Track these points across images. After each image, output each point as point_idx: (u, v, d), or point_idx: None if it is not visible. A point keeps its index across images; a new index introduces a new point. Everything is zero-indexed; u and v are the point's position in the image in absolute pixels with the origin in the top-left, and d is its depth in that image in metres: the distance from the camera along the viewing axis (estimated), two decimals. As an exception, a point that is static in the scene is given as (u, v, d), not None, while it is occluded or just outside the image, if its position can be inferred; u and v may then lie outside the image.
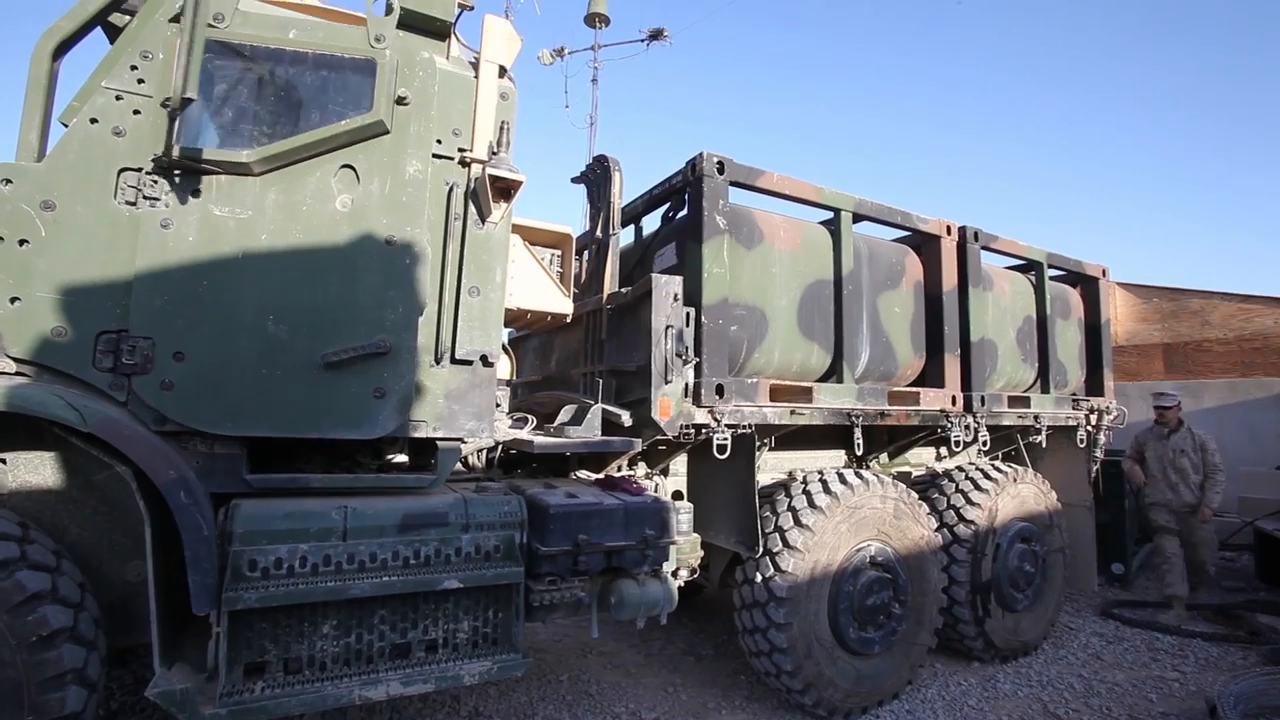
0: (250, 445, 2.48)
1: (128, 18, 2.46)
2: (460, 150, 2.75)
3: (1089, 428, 5.43)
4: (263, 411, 2.43)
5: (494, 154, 2.74)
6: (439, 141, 2.72)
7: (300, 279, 2.50)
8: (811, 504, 3.52)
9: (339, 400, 2.51)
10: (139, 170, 2.33)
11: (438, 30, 2.78)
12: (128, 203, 2.29)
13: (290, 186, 2.51)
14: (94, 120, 2.31)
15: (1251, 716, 3.51)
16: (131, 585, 2.43)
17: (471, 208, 2.75)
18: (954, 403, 4.39)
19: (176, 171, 2.35)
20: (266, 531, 2.34)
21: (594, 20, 12.80)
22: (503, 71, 2.87)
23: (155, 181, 2.33)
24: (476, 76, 2.79)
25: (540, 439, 3.22)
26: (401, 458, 2.97)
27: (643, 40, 12.89)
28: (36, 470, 2.36)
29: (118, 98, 2.33)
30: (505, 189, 2.73)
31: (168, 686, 2.14)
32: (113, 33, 2.49)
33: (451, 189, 2.72)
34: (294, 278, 2.49)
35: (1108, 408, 5.59)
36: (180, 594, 2.19)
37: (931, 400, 4.29)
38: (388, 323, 2.58)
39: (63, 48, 2.40)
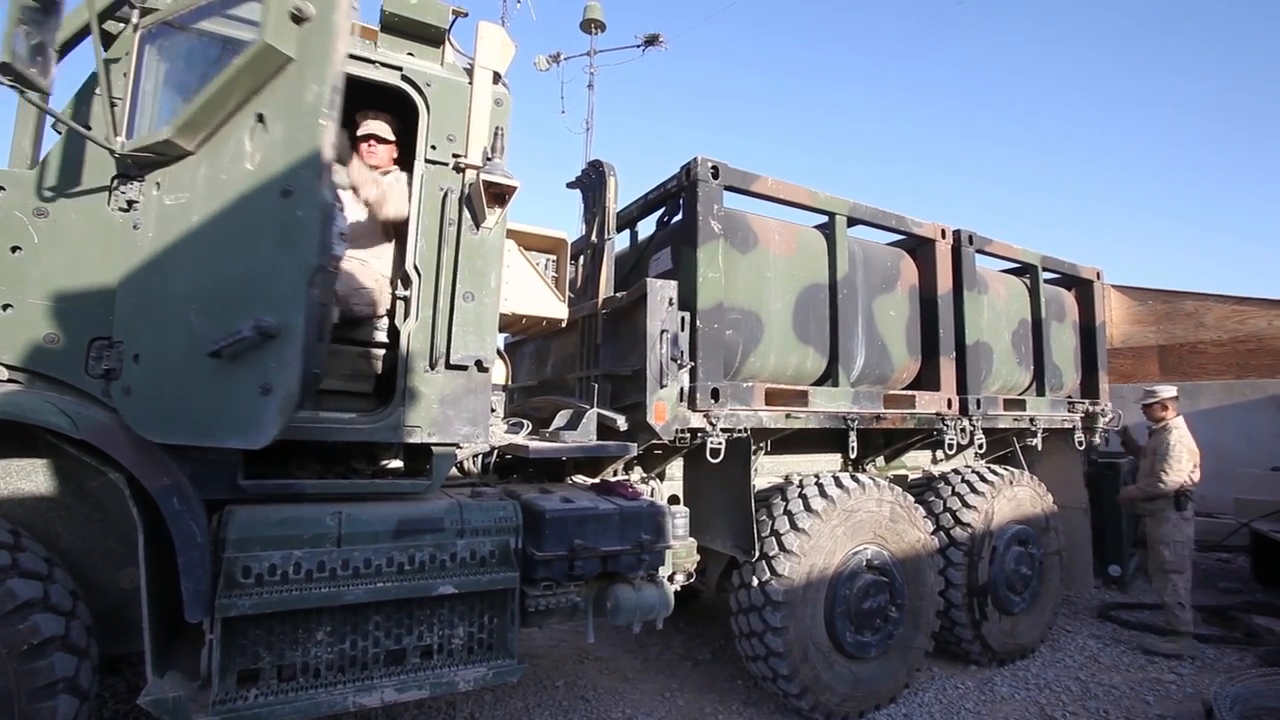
0: (245, 449, 2.47)
1: (122, 25, 2.46)
2: (455, 156, 2.75)
3: (1084, 430, 5.44)
4: (184, 416, 2.18)
5: (488, 159, 2.74)
6: (433, 147, 2.72)
7: (215, 259, 2.22)
8: (808, 508, 3.53)
9: (231, 399, 2.16)
10: (129, 177, 2.32)
11: (432, 37, 2.79)
12: (120, 209, 2.29)
13: (216, 156, 2.26)
14: (88, 127, 2.30)
15: (1248, 718, 3.51)
16: (124, 592, 2.42)
17: (466, 213, 2.75)
18: (950, 406, 4.40)
19: (139, 169, 2.29)
20: (260, 538, 2.33)
21: (590, 26, 12.84)
22: (497, 77, 2.87)
23: (130, 184, 2.30)
24: (471, 83, 2.80)
25: (535, 444, 3.22)
26: (396, 463, 2.96)
27: (638, 46, 12.94)
28: (29, 477, 2.35)
29: (112, 104, 2.33)
30: (500, 194, 2.73)
31: (160, 694, 2.13)
32: (107, 40, 2.49)
33: (446, 194, 2.72)
34: (211, 259, 2.22)
35: (1103, 410, 5.60)
36: (174, 601, 2.18)
37: (927, 403, 4.30)
38: (276, 297, 2.15)
39: (57, 54, 2.40)
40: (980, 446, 4.66)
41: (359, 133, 2.97)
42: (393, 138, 3.02)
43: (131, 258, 2.26)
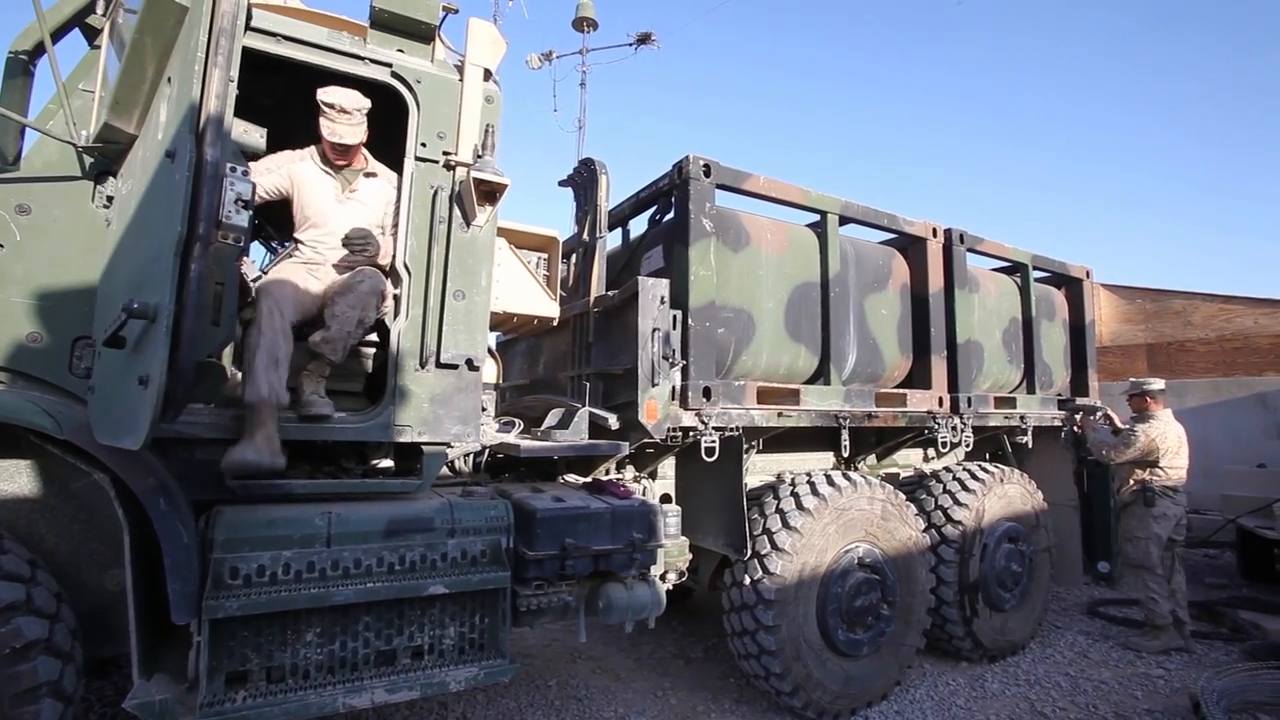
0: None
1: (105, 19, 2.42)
2: (445, 153, 2.73)
3: (1074, 427, 5.48)
4: (108, 414, 2.06)
5: (479, 157, 2.72)
6: (423, 145, 2.70)
7: (138, 242, 2.05)
8: (799, 506, 3.53)
9: (127, 393, 1.95)
10: (110, 172, 2.30)
11: (422, 33, 2.77)
12: (104, 206, 2.26)
13: (147, 134, 2.15)
14: (74, 122, 2.27)
15: (1234, 712, 3.55)
16: (111, 595, 2.39)
17: (456, 211, 2.74)
18: (941, 404, 4.41)
19: (114, 162, 2.23)
20: (249, 538, 2.30)
21: (582, 24, 12.83)
22: (488, 74, 2.85)
23: (110, 180, 2.26)
24: (461, 80, 2.78)
25: (527, 443, 3.21)
26: (387, 462, 2.94)
27: (631, 44, 12.93)
28: (12, 478, 2.31)
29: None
30: (490, 192, 2.71)
31: (146, 697, 2.10)
32: (90, 34, 2.46)
33: (436, 192, 2.70)
34: (137, 243, 2.06)
35: (1092, 407, 5.64)
36: (161, 603, 2.15)
37: (918, 402, 4.31)
38: (152, 275, 1.87)
39: (39, 49, 2.37)
40: (969, 444, 4.68)
41: (321, 99, 2.61)
42: (360, 106, 2.70)
43: (104, 253, 2.23)
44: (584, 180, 4.09)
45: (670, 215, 3.85)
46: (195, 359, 1.84)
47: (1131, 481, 4.89)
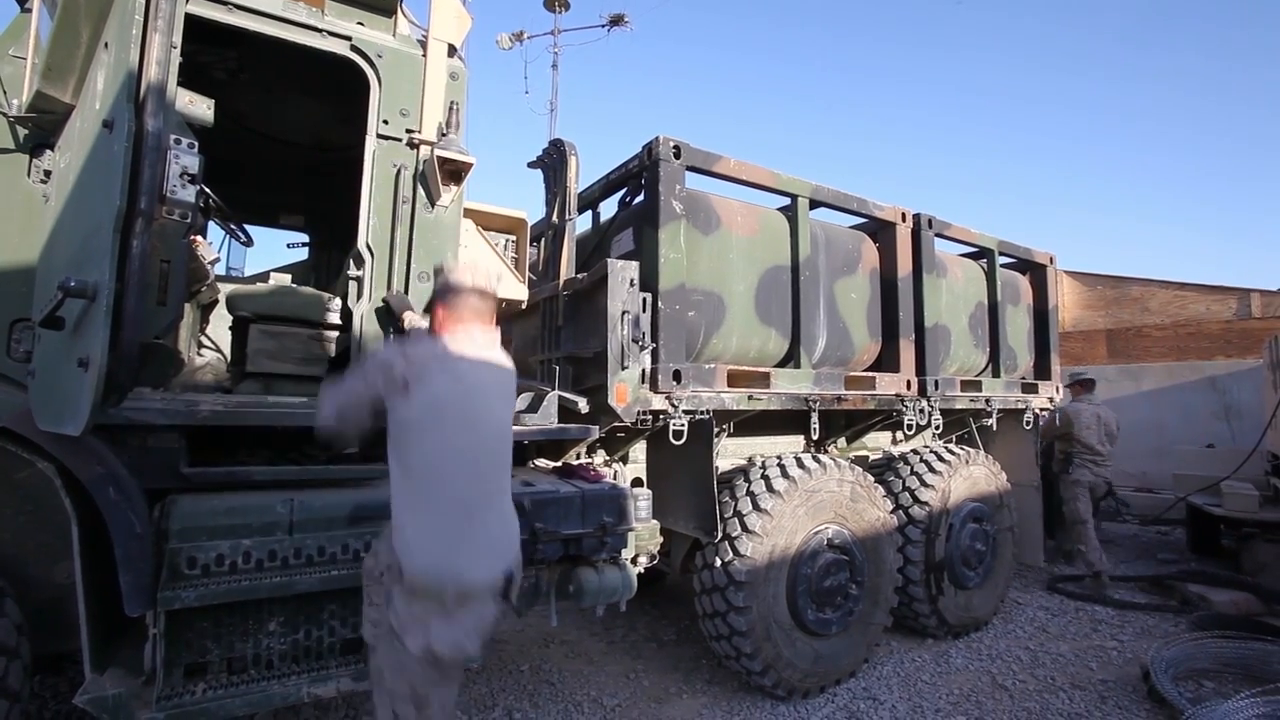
0: (190, 437, 2.36)
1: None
2: (408, 131, 2.65)
3: (1037, 410, 5.62)
4: (49, 399, 1.96)
5: (443, 135, 2.66)
6: (385, 122, 2.62)
7: (77, 218, 1.95)
8: (770, 488, 3.56)
9: (68, 377, 1.85)
10: (47, 146, 2.18)
11: (383, 6, 2.68)
12: (41, 181, 2.15)
13: (84, 103, 2.03)
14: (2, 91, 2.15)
15: (1181, 679, 3.71)
16: (62, 588, 2.30)
17: (420, 191, 2.66)
18: (909, 387, 4.47)
19: (50, 135, 2.12)
20: (206, 527, 2.23)
21: (554, 4, 12.61)
22: (452, 50, 2.78)
23: (46, 154, 2.14)
24: (425, 55, 2.70)
25: (496, 428, 3.16)
26: (351, 448, 2.87)
27: (603, 25, 12.77)
28: (-51, 469, 2.21)
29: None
30: (455, 171, 2.65)
31: (99, 692, 2.03)
32: (23, -3, 2.32)
33: (399, 171, 2.62)
34: (76, 219, 1.95)
35: (1055, 391, 5.80)
36: (114, 595, 2.08)
37: (887, 385, 4.36)
38: (91, 252, 1.78)
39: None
40: (938, 427, 4.77)
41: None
42: None
43: (43, 231, 2.12)
44: (554, 162, 4.02)
45: (640, 198, 3.81)
46: (139, 340, 1.75)
47: (1058, 454, 6.22)
